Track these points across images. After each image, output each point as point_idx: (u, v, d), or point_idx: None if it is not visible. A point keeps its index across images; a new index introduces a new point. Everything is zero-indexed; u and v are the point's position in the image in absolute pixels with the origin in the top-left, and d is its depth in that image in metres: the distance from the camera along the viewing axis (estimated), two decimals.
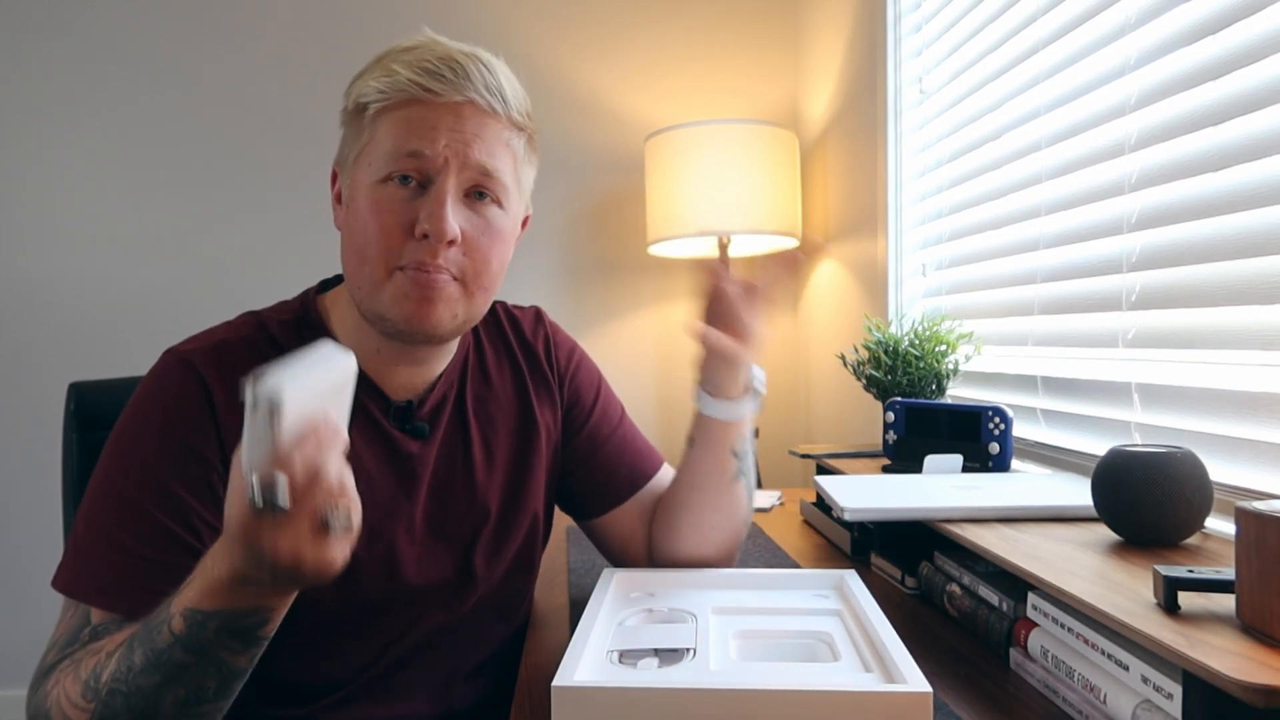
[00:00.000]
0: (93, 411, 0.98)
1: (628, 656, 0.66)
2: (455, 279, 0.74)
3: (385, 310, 0.74)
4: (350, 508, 0.54)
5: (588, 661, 0.64)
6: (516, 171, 0.78)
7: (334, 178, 0.81)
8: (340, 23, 2.26)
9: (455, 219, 0.72)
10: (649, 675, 0.62)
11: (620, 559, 0.95)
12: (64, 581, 0.69)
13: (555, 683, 0.58)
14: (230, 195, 2.24)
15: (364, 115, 0.74)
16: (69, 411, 0.97)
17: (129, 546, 0.68)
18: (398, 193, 0.72)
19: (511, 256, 0.81)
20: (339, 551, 0.54)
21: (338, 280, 0.85)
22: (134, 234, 2.22)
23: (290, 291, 0.88)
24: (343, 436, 0.54)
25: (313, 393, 0.53)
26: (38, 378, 2.21)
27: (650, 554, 0.92)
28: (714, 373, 0.84)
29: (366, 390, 0.79)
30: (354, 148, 0.76)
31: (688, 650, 0.66)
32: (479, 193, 0.75)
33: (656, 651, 0.66)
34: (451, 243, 0.72)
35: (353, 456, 0.75)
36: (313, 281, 0.88)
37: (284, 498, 0.50)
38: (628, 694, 0.57)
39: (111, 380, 1.03)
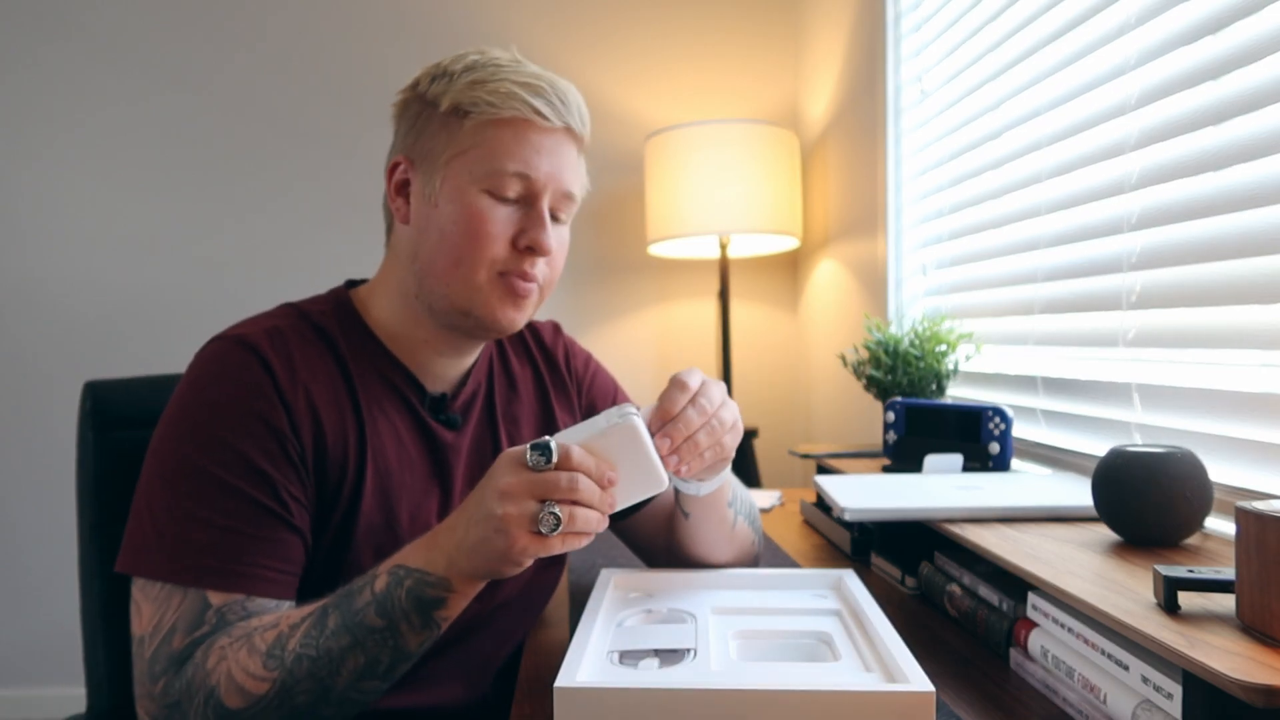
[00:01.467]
0: (109, 410, 0.97)
1: (628, 657, 0.66)
2: (538, 286, 0.81)
3: (475, 308, 0.79)
4: (563, 518, 0.61)
5: (589, 662, 0.64)
6: (582, 190, 0.85)
7: (394, 168, 0.82)
8: (343, 23, 2.26)
9: (552, 237, 0.79)
10: (650, 676, 0.62)
11: (648, 557, 0.97)
12: (162, 568, 0.69)
13: (557, 684, 0.58)
14: (233, 195, 2.24)
15: (463, 120, 0.77)
16: (84, 410, 0.97)
17: (226, 525, 0.69)
18: (500, 206, 0.78)
19: None
20: (533, 544, 0.61)
21: (361, 280, 0.89)
22: (137, 234, 2.22)
23: (296, 289, 0.90)
24: (607, 480, 0.64)
25: (635, 452, 0.66)
26: (39, 378, 2.21)
27: (673, 559, 0.94)
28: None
29: (406, 382, 0.83)
30: (445, 149, 0.78)
31: (688, 650, 0.66)
32: (558, 215, 0.82)
33: (657, 652, 0.66)
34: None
35: (396, 439, 0.81)
36: (319, 278, 0.92)
37: (551, 454, 0.62)
38: (629, 694, 0.57)
39: (127, 379, 1.02)
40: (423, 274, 0.79)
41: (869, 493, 0.96)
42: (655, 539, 0.95)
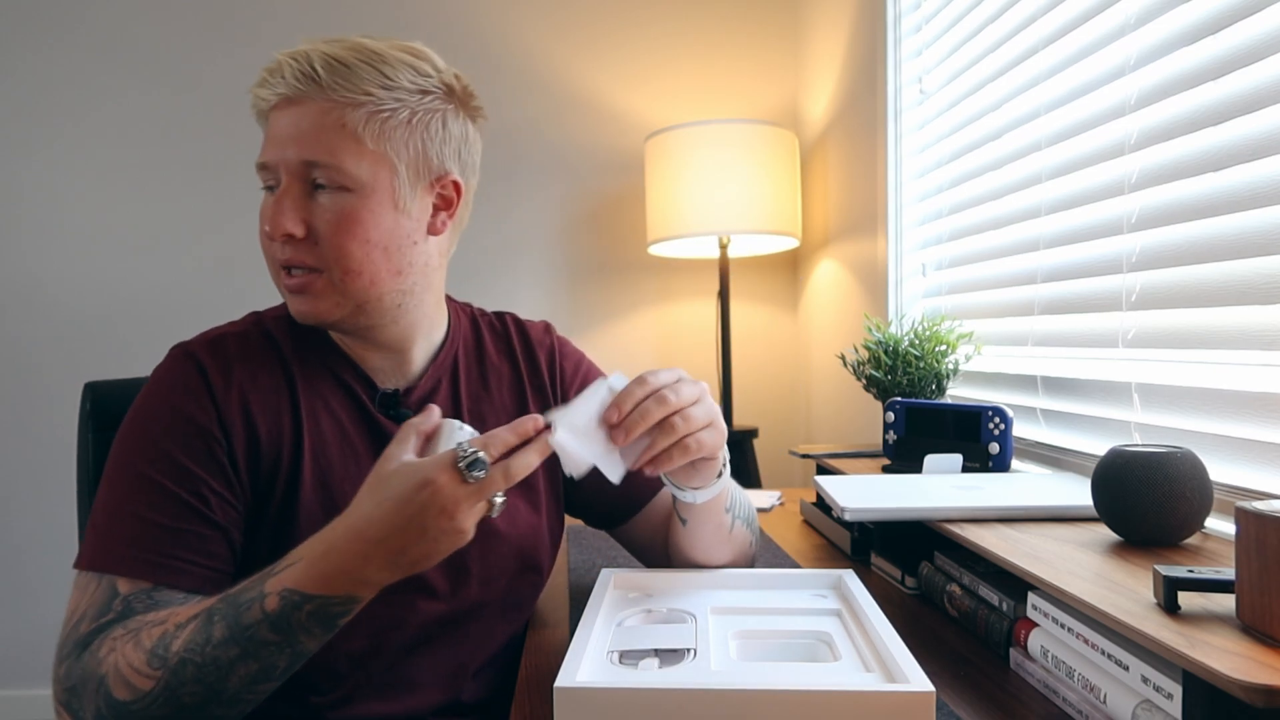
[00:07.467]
0: (109, 411, 0.98)
1: (628, 657, 0.66)
2: (317, 271, 0.77)
3: (289, 305, 0.80)
4: (505, 494, 0.66)
5: (589, 662, 0.64)
6: (366, 148, 0.76)
7: None
8: (343, 23, 2.26)
9: (288, 217, 0.75)
10: (650, 676, 0.62)
11: (647, 560, 0.97)
12: (86, 558, 0.73)
13: (558, 684, 0.58)
14: (234, 194, 2.24)
15: None
16: (84, 411, 0.98)
17: (146, 517, 0.72)
18: (265, 202, 0.78)
19: (442, 228, 0.83)
20: (474, 520, 0.65)
21: None
22: (137, 234, 2.22)
23: None
24: (531, 430, 0.67)
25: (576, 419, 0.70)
26: (39, 379, 2.21)
27: (670, 562, 0.94)
28: (688, 477, 0.81)
29: (355, 377, 0.84)
30: None
31: (688, 650, 0.66)
32: (318, 184, 0.76)
33: (657, 652, 0.66)
34: (291, 238, 0.76)
35: (340, 436, 0.81)
36: None
37: (488, 465, 0.64)
38: (629, 694, 0.57)
39: (127, 380, 1.03)
40: None
41: (869, 493, 0.96)
42: (654, 541, 0.95)
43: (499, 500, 0.66)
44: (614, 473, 0.72)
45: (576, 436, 0.69)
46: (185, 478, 0.74)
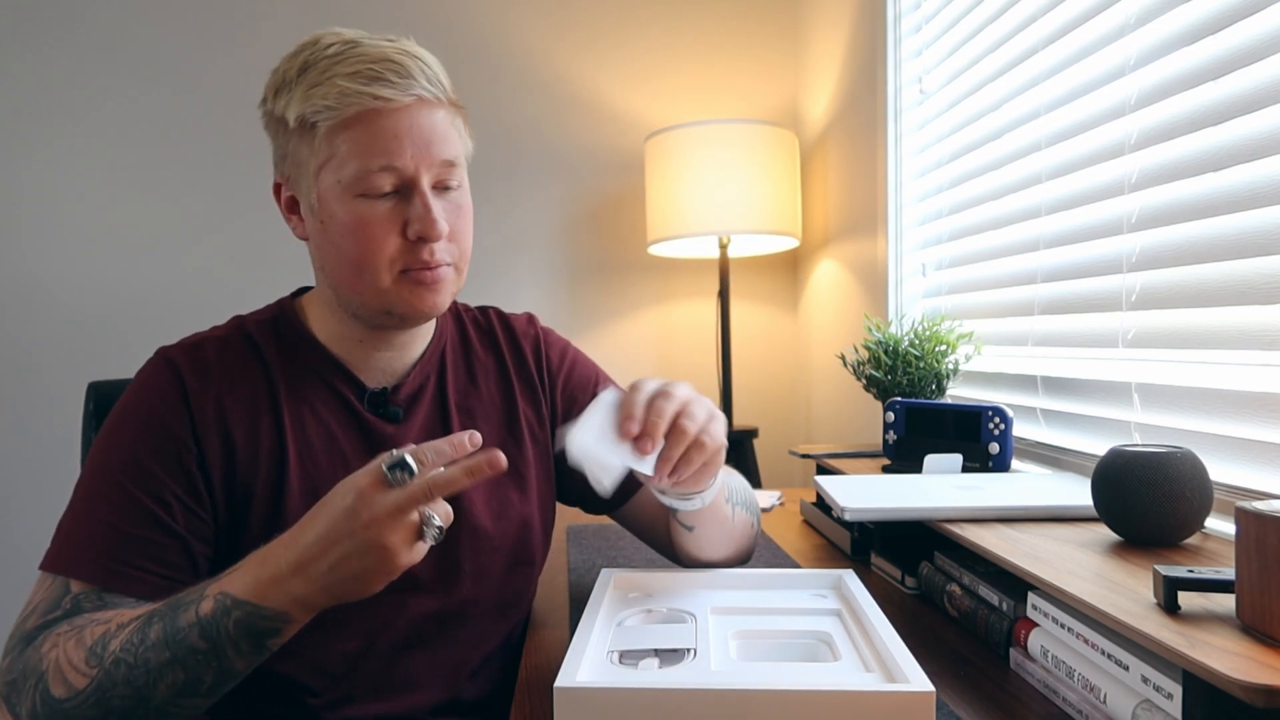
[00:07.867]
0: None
1: (628, 657, 0.66)
2: (449, 265, 0.80)
3: (393, 307, 0.79)
4: (441, 518, 0.63)
5: (589, 662, 0.65)
6: (467, 146, 0.83)
7: (278, 188, 0.82)
8: (340, 23, 2.25)
9: (443, 218, 0.77)
10: (650, 676, 0.62)
11: (652, 542, 0.97)
12: (48, 559, 0.74)
13: (558, 684, 0.58)
14: (235, 194, 2.24)
15: (314, 131, 0.76)
16: (88, 411, 0.98)
17: (107, 521, 0.73)
18: (379, 204, 0.76)
19: None
20: (414, 555, 0.62)
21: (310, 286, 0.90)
22: (137, 234, 2.22)
23: (295, 287, 0.90)
24: (495, 467, 0.63)
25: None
26: (41, 379, 2.21)
27: (677, 560, 0.94)
28: (694, 482, 0.79)
29: (343, 379, 0.84)
30: (310, 162, 0.77)
31: (688, 650, 0.66)
32: (443, 183, 0.79)
33: (657, 652, 0.66)
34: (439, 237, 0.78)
35: (327, 438, 0.81)
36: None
37: (413, 469, 0.61)
38: (629, 694, 0.57)
39: (129, 380, 1.04)
40: (335, 285, 0.80)
41: (869, 493, 0.96)
42: (657, 519, 0.94)
43: (435, 525, 0.63)
44: (647, 467, 0.69)
45: (597, 444, 0.68)
46: (151, 484, 0.74)
